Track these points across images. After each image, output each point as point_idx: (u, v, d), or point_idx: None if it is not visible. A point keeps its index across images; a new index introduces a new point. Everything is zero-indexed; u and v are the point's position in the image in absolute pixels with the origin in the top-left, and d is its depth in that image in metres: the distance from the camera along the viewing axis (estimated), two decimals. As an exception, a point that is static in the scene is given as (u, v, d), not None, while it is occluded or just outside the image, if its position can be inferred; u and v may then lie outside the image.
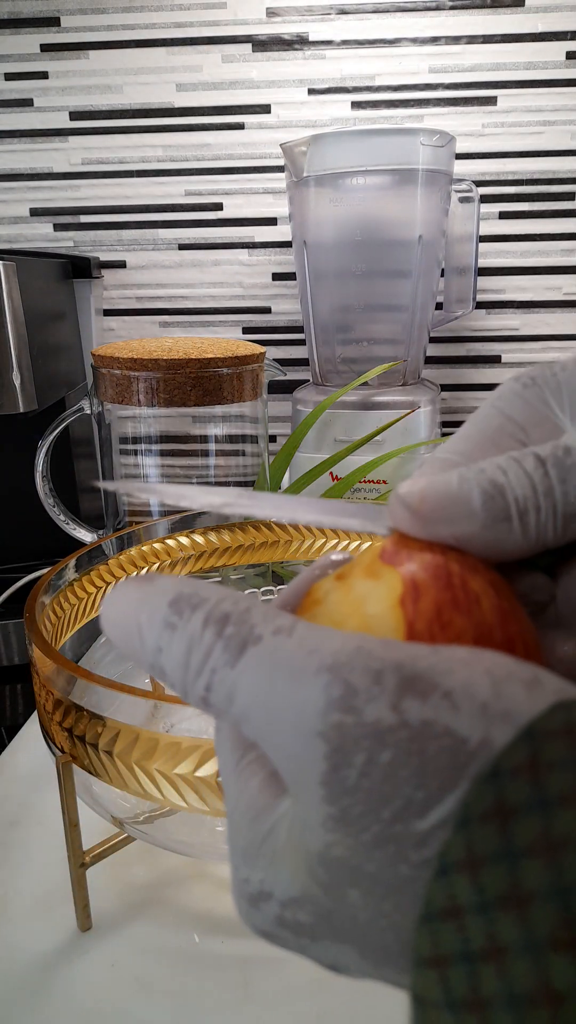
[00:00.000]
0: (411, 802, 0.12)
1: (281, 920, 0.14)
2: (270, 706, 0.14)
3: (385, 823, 0.12)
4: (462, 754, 0.12)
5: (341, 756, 0.13)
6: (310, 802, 0.13)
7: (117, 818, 0.32)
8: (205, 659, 0.14)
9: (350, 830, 0.13)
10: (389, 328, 0.67)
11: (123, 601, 0.16)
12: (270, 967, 0.31)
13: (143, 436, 0.55)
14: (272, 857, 0.14)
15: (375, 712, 0.13)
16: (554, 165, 0.74)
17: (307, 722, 0.13)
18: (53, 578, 0.38)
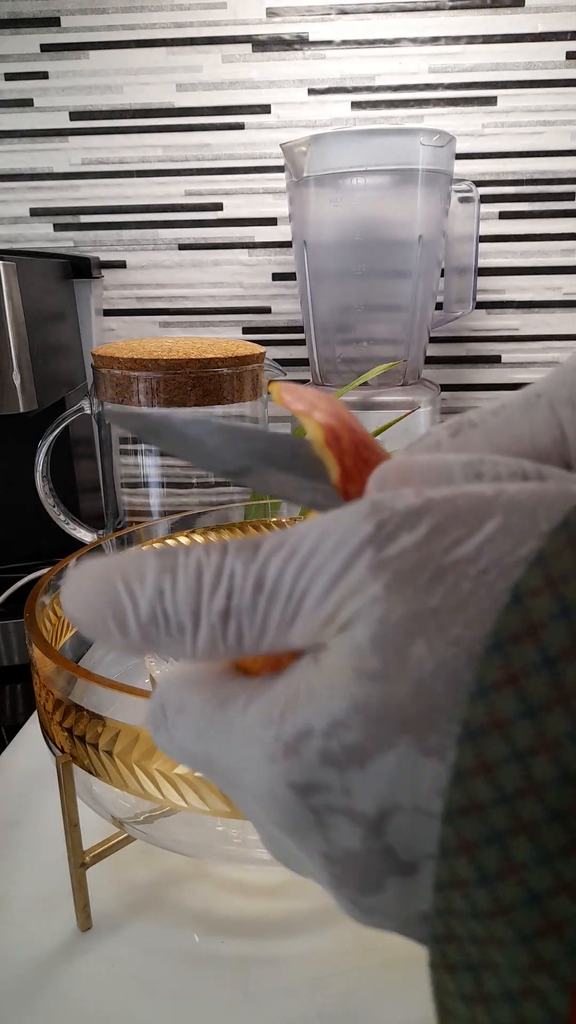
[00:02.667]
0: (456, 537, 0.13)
1: (325, 754, 0.13)
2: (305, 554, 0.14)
3: (438, 557, 0.13)
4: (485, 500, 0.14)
5: (386, 537, 0.14)
6: (357, 600, 0.14)
7: (117, 818, 0.32)
8: (218, 572, 0.14)
9: (407, 581, 0.13)
10: (389, 328, 0.67)
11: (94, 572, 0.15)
12: (270, 967, 0.31)
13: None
14: (304, 697, 0.14)
15: (405, 502, 0.14)
16: (554, 165, 0.74)
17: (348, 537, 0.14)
18: (53, 578, 0.38)
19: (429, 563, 0.13)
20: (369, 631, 0.13)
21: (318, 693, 0.14)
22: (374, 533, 0.14)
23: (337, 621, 0.14)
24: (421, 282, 0.65)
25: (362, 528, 0.14)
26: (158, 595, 0.15)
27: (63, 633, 0.39)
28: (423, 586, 0.13)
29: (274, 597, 0.14)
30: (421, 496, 0.14)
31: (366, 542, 0.14)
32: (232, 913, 0.34)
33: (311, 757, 0.14)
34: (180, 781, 0.28)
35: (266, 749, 0.14)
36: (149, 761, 0.28)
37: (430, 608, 0.13)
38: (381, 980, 0.30)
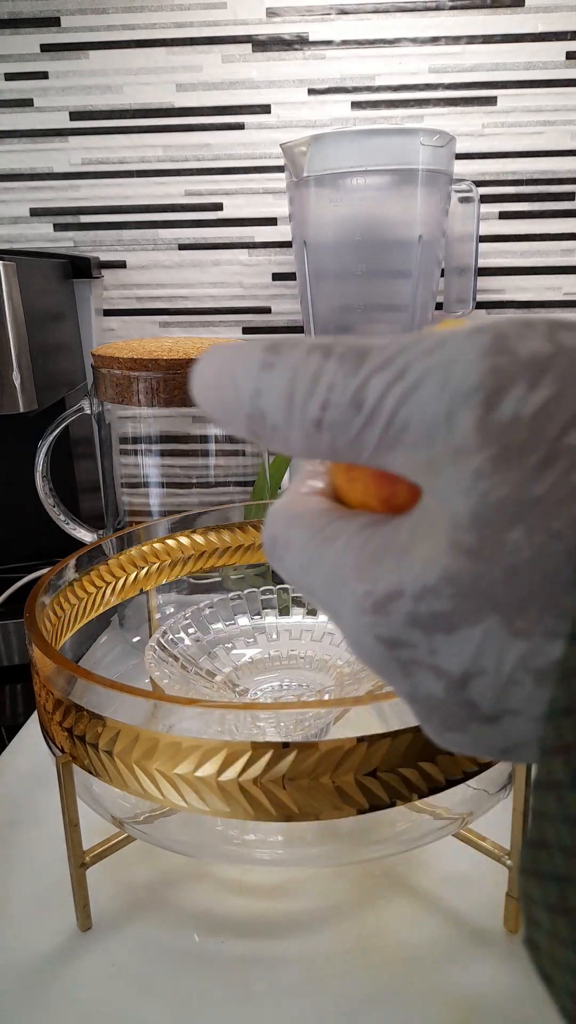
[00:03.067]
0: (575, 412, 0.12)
1: (414, 617, 0.13)
2: (411, 384, 0.13)
3: (553, 438, 0.12)
4: None
5: (499, 394, 0.12)
6: (461, 463, 0.13)
7: (117, 818, 0.32)
8: (315, 380, 0.14)
9: (514, 462, 0.12)
10: (389, 328, 0.67)
11: (216, 360, 0.15)
12: (270, 967, 0.31)
13: (143, 436, 0.56)
14: (400, 556, 0.14)
15: (530, 347, 0.13)
16: (554, 165, 0.74)
17: (458, 377, 0.13)
18: (53, 578, 0.38)
19: (541, 442, 0.12)
20: (469, 506, 0.13)
21: (413, 556, 0.14)
22: (488, 380, 0.12)
23: (437, 468, 0.13)
24: (421, 282, 0.65)
25: (477, 369, 0.13)
26: (256, 393, 0.14)
27: (63, 633, 0.39)
28: (531, 469, 0.12)
29: (371, 422, 0.14)
30: (553, 340, 0.13)
31: (478, 391, 0.12)
32: (232, 913, 0.34)
33: (399, 617, 0.14)
34: (180, 781, 0.28)
35: (357, 601, 0.14)
36: (149, 761, 0.28)
37: (536, 495, 0.12)
38: (381, 979, 0.30)
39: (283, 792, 0.27)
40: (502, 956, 0.31)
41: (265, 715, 0.33)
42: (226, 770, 0.27)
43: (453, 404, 0.13)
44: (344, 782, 0.27)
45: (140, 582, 0.46)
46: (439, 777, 0.28)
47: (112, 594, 0.44)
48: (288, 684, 0.45)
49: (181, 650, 0.44)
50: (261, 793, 0.27)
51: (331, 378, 0.14)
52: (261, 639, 0.48)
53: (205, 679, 0.43)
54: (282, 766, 0.27)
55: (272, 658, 0.47)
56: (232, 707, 0.30)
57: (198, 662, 0.45)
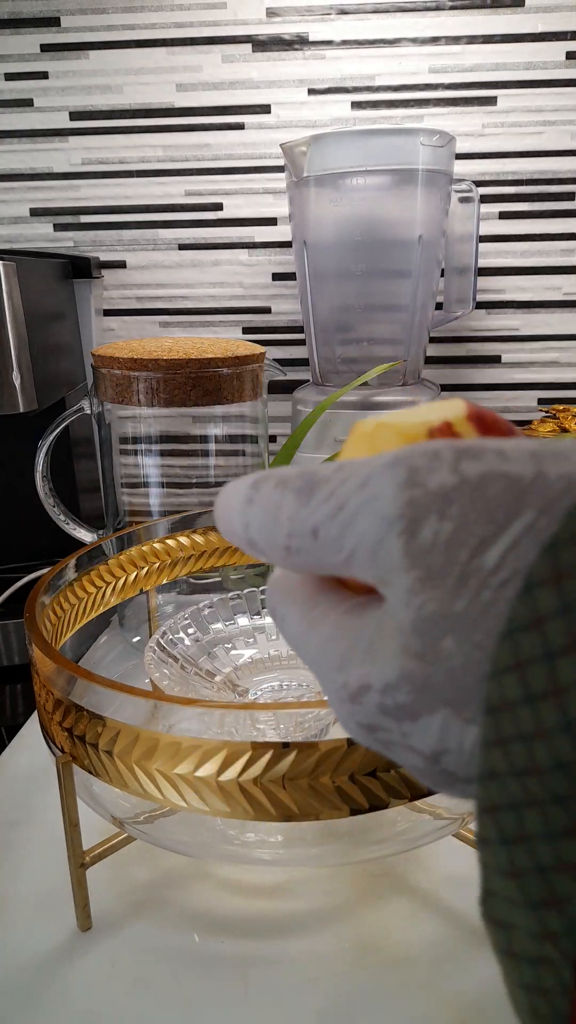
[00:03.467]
0: (483, 538, 0.14)
1: (382, 707, 0.16)
2: (349, 516, 0.16)
3: (464, 562, 0.14)
4: (519, 487, 0.14)
5: (416, 524, 0.15)
6: (398, 579, 0.15)
7: (117, 818, 0.32)
8: (277, 514, 0.17)
9: (435, 581, 0.14)
10: (389, 328, 0.67)
11: (222, 498, 0.18)
12: (270, 967, 0.31)
13: (143, 436, 0.55)
14: (366, 654, 0.16)
15: (438, 479, 0.15)
16: (554, 165, 0.74)
17: (383, 509, 0.15)
18: (53, 578, 0.38)
19: (455, 565, 0.14)
20: (409, 617, 0.15)
21: (376, 655, 0.16)
22: (407, 512, 0.15)
23: (385, 582, 0.15)
24: (421, 282, 0.65)
25: (397, 500, 0.15)
26: (245, 527, 0.18)
27: (63, 633, 0.39)
28: (451, 588, 0.14)
29: (326, 547, 0.16)
30: (456, 471, 0.15)
31: (399, 521, 0.15)
32: (232, 913, 0.34)
33: (371, 707, 0.16)
34: (180, 781, 0.28)
35: (337, 690, 0.17)
36: (149, 761, 0.28)
37: (456, 611, 0.14)
38: (381, 980, 0.30)
39: (283, 792, 0.27)
40: (502, 956, 0.31)
41: (265, 715, 0.33)
42: (226, 770, 0.27)
43: (383, 532, 0.15)
44: (344, 782, 0.27)
45: (140, 582, 0.46)
46: (439, 777, 0.28)
47: (112, 594, 0.44)
48: (288, 684, 0.45)
49: (181, 650, 0.44)
50: (261, 793, 0.27)
51: (290, 512, 0.17)
52: (261, 639, 0.48)
53: (205, 679, 0.43)
54: (282, 766, 0.27)
55: (272, 658, 0.47)
56: (232, 707, 0.30)
57: (198, 662, 0.45)
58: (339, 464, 0.17)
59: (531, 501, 0.14)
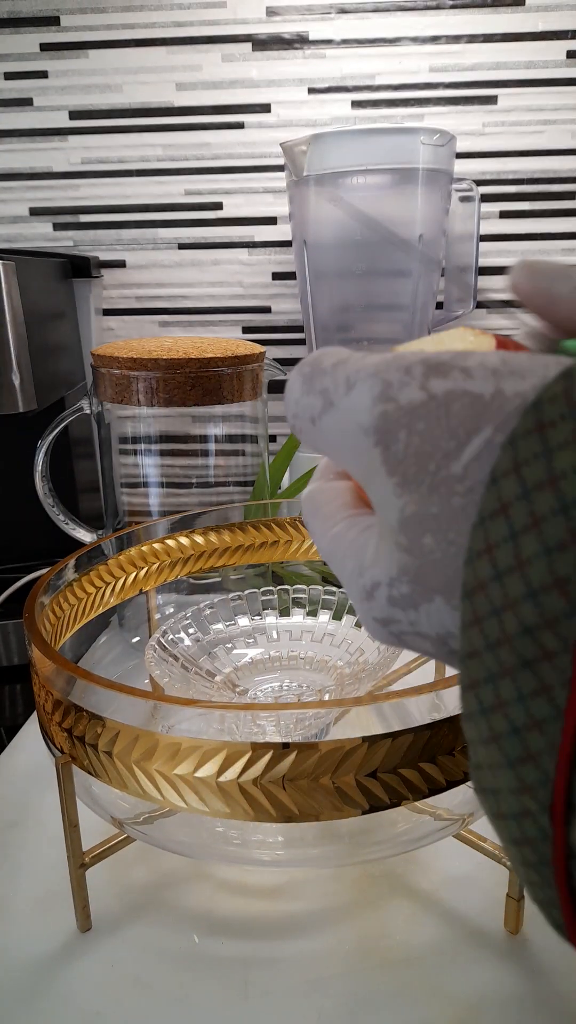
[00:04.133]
0: (447, 451, 0.16)
1: (391, 599, 0.18)
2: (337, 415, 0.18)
3: (433, 472, 0.16)
4: (479, 405, 0.16)
5: (388, 436, 0.17)
6: (380, 484, 0.17)
7: (117, 818, 0.32)
8: (288, 398, 0.20)
9: (411, 487, 0.16)
10: (389, 328, 0.67)
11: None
12: (270, 967, 0.31)
13: (143, 436, 0.55)
14: (374, 556, 0.18)
15: (408, 395, 0.16)
16: (554, 164, 0.74)
17: (361, 421, 0.17)
18: (53, 578, 0.38)
19: (426, 474, 0.16)
20: (395, 517, 0.17)
21: (380, 555, 0.18)
22: (380, 424, 0.17)
23: (368, 482, 0.18)
24: (421, 282, 0.65)
25: (371, 412, 0.17)
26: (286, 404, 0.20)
27: (63, 633, 0.39)
28: (425, 494, 0.16)
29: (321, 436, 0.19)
30: (425, 388, 0.16)
31: (374, 432, 0.17)
32: (232, 913, 0.34)
33: (382, 601, 0.18)
34: (180, 781, 0.27)
35: (356, 592, 0.19)
36: (149, 762, 0.28)
37: (432, 513, 0.16)
38: (381, 980, 0.30)
39: (283, 793, 0.27)
40: (502, 957, 0.31)
41: (265, 715, 0.33)
42: (226, 771, 0.27)
43: (363, 440, 0.17)
44: (344, 783, 0.27)
45: (140, 582, 0.46)
46: (439, 778, 0.28)
47: (112, 594, 0.44)
48: (288, 684, 0.45)
49: (181, 650, 0.44)
50: (261, 794, 0.27)
51: (296, 395, 0.19)
52: (261, 639, 0.48)
53: (205, 679, 0.43)
54: (282, 767, 0.26)
55: (272, 658, 0.47)
56: (232, 707, 0.30)
57: (198, 662, 0.44)
58: (340, 357, 0.19)
59: (489, 417, 0.15)
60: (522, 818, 0.14)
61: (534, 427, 0.14)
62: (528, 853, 0.14)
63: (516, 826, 0.14)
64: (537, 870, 0.14)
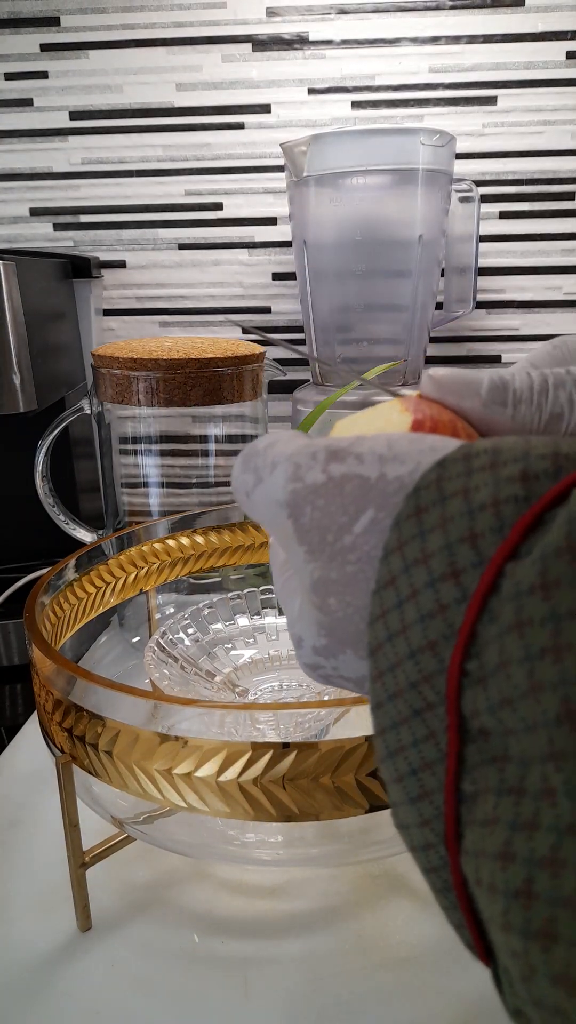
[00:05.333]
0: (340, 525, 0.19)
1: (315, 648, 0.20)
2: (262, 492, 0.20)
3: (331, 542, 0.19)
4: (367, 486, 0.18)
5: (297, 510, 0.19)
6: (294, 551, 0.20)
7: (117, 818, 0.32)
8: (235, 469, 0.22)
9: (315, 555, 0.19)
10: (389, 328, 0.67)
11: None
12: (270, 967, 0.31)
13: (143, 436, 0.55)
14: (298, 613, 0.21)
15: (312, 476, 0.19)
16: (554, 165, 0.74)
17: (278, 497, 0.20)
18: (53, 578, 0.38)
19: (325, 546, 0.19)
20: (307, 580, 0.19)
21: (303, 613, 0.20)
22: (290, 500, 0.19)
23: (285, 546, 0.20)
24: (421, 282, 0.65)
25: (285, 490, 0.19)
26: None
27: (63, 633, 0.39)
28: (325, 561, 0.19)
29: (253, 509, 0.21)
30: (326, 471, 0.19)
31: (287, 507, 0.19)
32: (232, 913, 0.34)
33: (308, 649, 0.21)
34: (180, 781, 0.28)
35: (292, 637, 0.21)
36: (149, 761, 0.28)
37: (332, 578, 0.19)
38: (380, 980, 0.30)
39: (283, 792, 0.27)
40: (502, 956, 0.31)
41: (265, 716, 0.33)
42: (226, 770, 0.27)
43: (279, 513, 0.20)
44: (344, 782, 0.27)
45: (140, 582, 0.46)
46: (439, 777, 0.28)
47: (112, 594, 0.44)
48: (288, 684, 0.45)
49: (181, 650, 0.44)
50: (261, 793, 0.27)
51: (237, 474, 0.21)
52: (261, 639, 0.48)
53: (205, 679, 0.43)
54: (282, 766, 0.27)
55: (272, 658, 0.47)
56: (232, 707, 0.30)
57: (198, 662, 0.44)
58: (271, 440, 0.21)
59: (373, 498, 0.18)
60: (427, 849, 0.16)
61: (413, 511, 0.17)
62: (435, 880, 0.16)
63: (424, 857, 0.16)
64: (445, 895, 0.16)
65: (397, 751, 0.16)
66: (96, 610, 0.42)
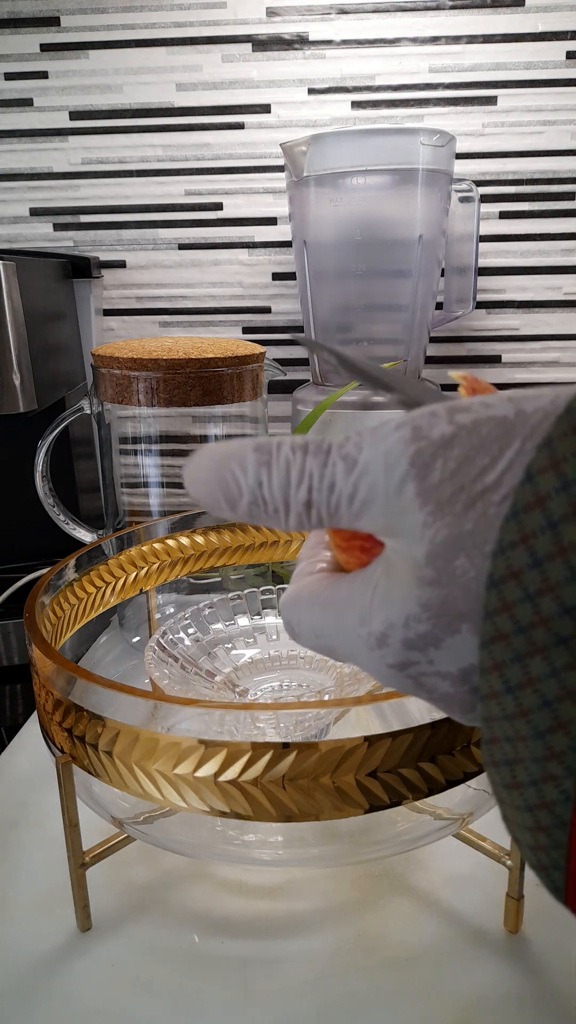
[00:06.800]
0: (482, 467, 0.17)
1: (407, 642, 0.18)
2: (362, 470, 0.18)
3: (469, 488, 0.17)
4: (506, 424, 0.17)
5: (425, 468, 0.17)
6: (408, 523, 0.17)
7: (117, 818, 0.32)
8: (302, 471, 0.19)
9: (446, 510, 0.17)
10: (389, 328, 0.67)
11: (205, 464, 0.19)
12: (270, 967, 0.31)
13: (143, 436, 0.55)
14: (382, 601, 0.19)
15: (439, 430, 0.17)
16: (554, 165, 0.74)
17: (394, 463, 0.18)
18: (53, 578, 0.38)
19: (462, 493, 0.17)
20: (423, 549, 0.17)
21: (393, 597, 0.18)
22: (416, 460, 0.17)
23: (393, 527, 0.18)
24: (421, 282, 0.65)
25: (406, 453, 0.17)
26: (257, 485, 0.19)
27: (63, 633, 0.39)
28: (459, 513, 0.17)
29: (342, 499, 0.18)
30: (453, 422, 0.17)
31: (410, 468, 0.17)
32: (232, 913, 0.34)
33: (397, 646, 0.18)
34: (180, 781, 0.28)
35: (364, 641, 0.19)
36: (149, 761, 0.28)
37: (467, 531, 0.17)
38: (381, 980, 0.31)
39: (283, 792, 0.27)
40: (502, 956, 0.31)
41: (265, 715, 0.33)
42: (226, 770, 0.27)
43: (395, 482, 0.18)
44: (344, 783, 0.27)
45: (140, 582, 0.46)
46: (439, 778, 0.28)
47: (112, 594, 0.44)
48: (288, 684, 0.45)
49: (181, 650, 0.44)
50: (261, 793, 0.27)
51: (310, 467, 0.19)
52: (261, 639, 0.48)
53: (205, 679, 0.43)
54: (282, 766, 0.27)
55: (272, 658, 0.47)
56: (232, 707, 0.30)
57: (198, 662, 0.45)
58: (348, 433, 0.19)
59: (518, 432, 0.17)
60: (543, 783, 0.15)
61: (569, 429, 0.15)
62: (543, 816, 0.16)
63: (535, 791, 0.16)
64: (549, 833, 0.16)
65: (523, 684, 0.15)
66: (96, 610, 0.42)
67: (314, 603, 0.21)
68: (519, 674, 0.15)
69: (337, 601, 0.20)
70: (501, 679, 0.16)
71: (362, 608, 0.19)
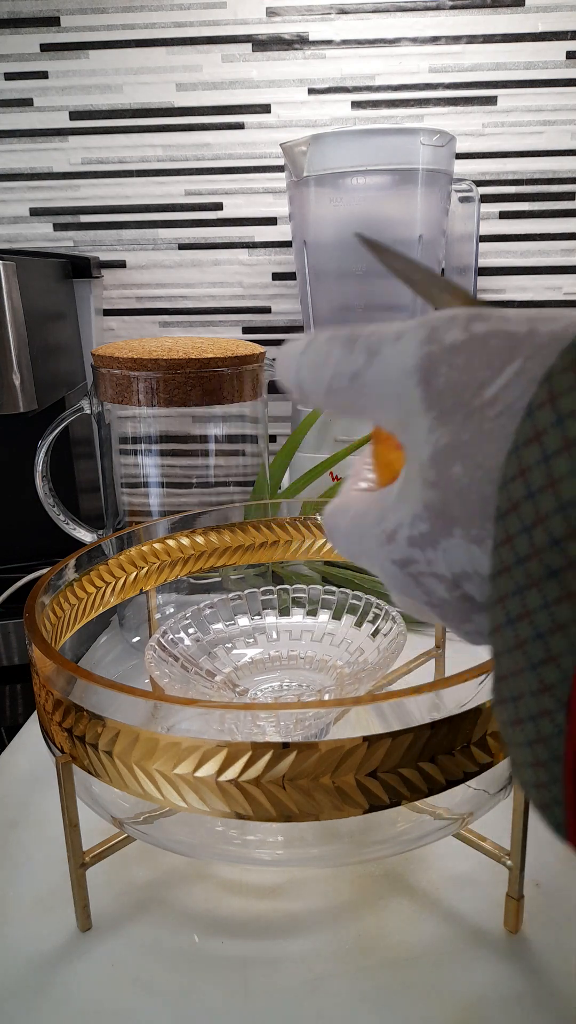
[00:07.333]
0: (482, 380, 0.17)
1: (411, 540, 0.19)
2: (381, 364, 0.19)
3: (468, 401, 0.17)
4: (515, 340, 0.17)
5: (431, 372, 0.18)
6: (417, 423, 0.19)
7: (117, 818, 0.32)
8: (325, 357, 0.20)
9: (447, 418, 0.18)
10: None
11: (283, 349, 0.22)
12: (270, 967, 0.31)
13: (143, 436, 0.55)
14: (397, 500, 0.20)
15: (452, 336, 0.18)
16: (554, 165, 0.74)
17: (406, 362, 0.19)
18: (53, 578, 0.38)
19: (462, 405, 0.18)
20: (428, 452, 0.18)
21: (405, 497, 0.19)
22: (424, 363, 0.18)
23: (406, 425, 0.19)
24: (421, 282, 0.65)
25: (416, 355, 0.18)
26: (297, 371, 0.21)
27: (63, 633, 0.39)
28: (459, 422, 0.18)
29: (361, 389, 0.20)
30: (467, 330, 0.18)
31: (418, 371, 0.18)
32: (232, 913, 0.34)
33: (402, 542, 0.19)
34: (180, 781, 0.28)
35: (378, 538, 0.20)
36: (149, 761, 0.28)
37: (464, 440, 0.18)
38: (381, 979, 0.30)
39: (283, 792, 0.27)
40: (502, 956, 0.31)
41: (265, 715, 0.33)
42: (226, 770, 0.27)
43: (406, 381, 0.19)
44: (344, 782, 0.27)
45: (140, 582, 0.46)
46: (439, 778, 0.28)
47: (112, 594, 0.44)
48: (288, 684, 0.45)
49: (181, 650, 0.44)
50: (261, 793, 0.27)
51: (336, 357, 0.20)
52: (261, 639, 0.48)
53: (205, 679, 0.43)
54: (282, 766, 0.27)
55: (272, 658, 0.47)
56: (232, 707, 0.30)
57: (198, 662, 0.45)
58: (377, 324, 0.20)
59: (522, 351, 0.17)
60: (540, 717, 0.16)
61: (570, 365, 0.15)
62: (540, 751, 0.16)
63: (533, 727, 0.16)
64: (547, 767, 0.16)
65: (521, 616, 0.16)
66: (96, 610, 0.42)
67: (347, 512, 0.23)
68: (518, 606, 0.16)
69: (364, 511, 0.22)
70: (504, 611, 0.16)
71: (382, 506, 0.21)
